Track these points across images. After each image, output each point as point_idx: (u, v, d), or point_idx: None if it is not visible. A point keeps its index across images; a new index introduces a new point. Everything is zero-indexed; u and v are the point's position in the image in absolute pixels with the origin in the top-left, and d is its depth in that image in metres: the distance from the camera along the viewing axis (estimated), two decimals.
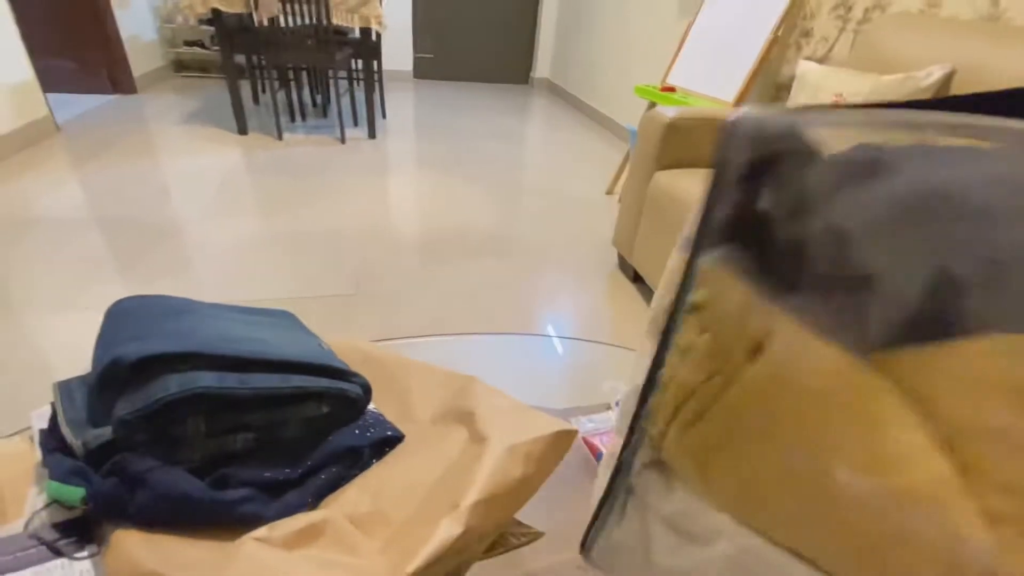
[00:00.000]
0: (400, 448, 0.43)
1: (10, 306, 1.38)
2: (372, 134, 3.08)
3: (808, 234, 0.13)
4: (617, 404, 0.59)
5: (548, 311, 1.60)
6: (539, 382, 0.78)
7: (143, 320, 0.41)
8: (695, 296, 0.14)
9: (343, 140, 2.95)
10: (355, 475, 0.41)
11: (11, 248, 1.65)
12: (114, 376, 0.35)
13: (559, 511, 0.51)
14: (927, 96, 1.26)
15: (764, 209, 0.13)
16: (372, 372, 0.49)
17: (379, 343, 0.69)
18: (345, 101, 3.73)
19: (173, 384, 0.35)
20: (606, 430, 0.54)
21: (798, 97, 1.48)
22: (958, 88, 1.30)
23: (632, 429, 0.17)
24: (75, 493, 0.31)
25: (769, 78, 2.21)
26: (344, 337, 0.58)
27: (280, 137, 2.87)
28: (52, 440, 0.37)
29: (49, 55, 3.17)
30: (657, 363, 0.15)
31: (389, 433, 0.44)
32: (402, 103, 4.07)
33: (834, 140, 0.13)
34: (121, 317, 0.42)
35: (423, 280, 1.70)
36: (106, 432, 0.34)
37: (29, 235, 1.73)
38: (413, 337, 0.74)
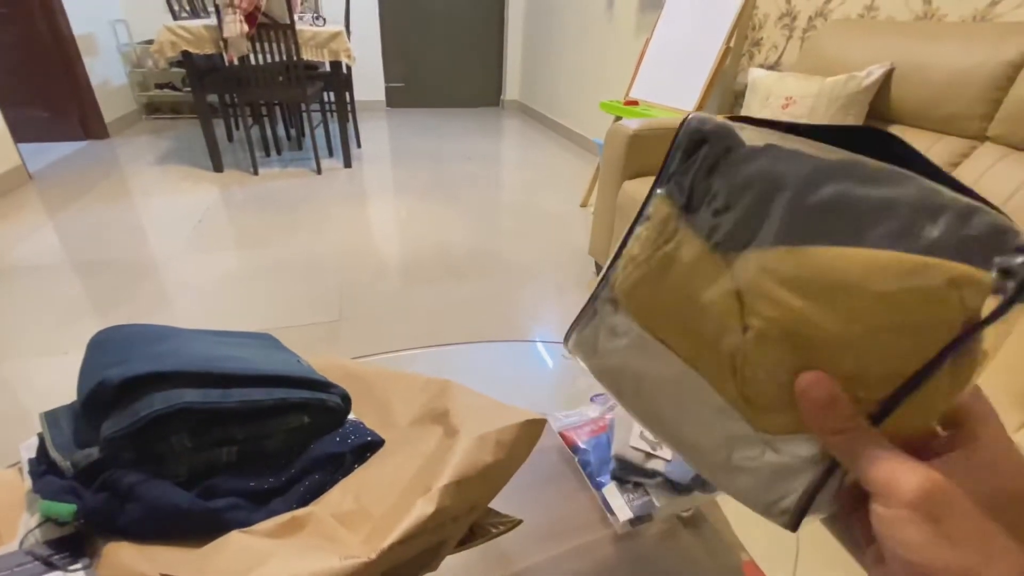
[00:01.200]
0: (381, 452, 0.45)
1: None
2: (348, 163, 3.12)
3: (709, 182, 0.23)
4: (593, 399, 0.62)
5: (530, 321, 1.63)
6: (522, 387, 0.80)
7: (125, 346, 0.43)
8: (648, 210, 0.25)
9: (319, 171, 2.98)
10: (338, 480, 0.43)
11: None
12: (100, 398, 0.37)
13: (541, 503, 0.53)
14: (870, 93, 1.34)
15: (693, 167, 0.24)
16: (352, 385, 0.52)
17: (364, 359, 0.71)
18: (319, 133, 3.77)
19: (158, 401, 0.37)
20: (581, 423, 0.56)
21: (751, 102, 1.56)
22: (897, 82, 1.38)
23: (605, 276, 0.28)
24: (67, 509, 0.32)
25: (726, 86, 2.30)
26: (324, 357, 0.60)
27: (256, 172, 2.89)
28: (41, 465, 0.38)
29: (18, 105, 3.17)
30: (623, 243, 0.26)
31: (369, 439, 0.46)
32: (376, 132, 4.13)
33: (748, 137, 0.23)
34: (103, 346, 0.44)
35: (406, 302, 1.72)
36: (94, 452, 0.36)
37: (5, 283, 1.72)
38: (398, 351, 0.76)
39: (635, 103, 2.33)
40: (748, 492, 0.23)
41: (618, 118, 2.50)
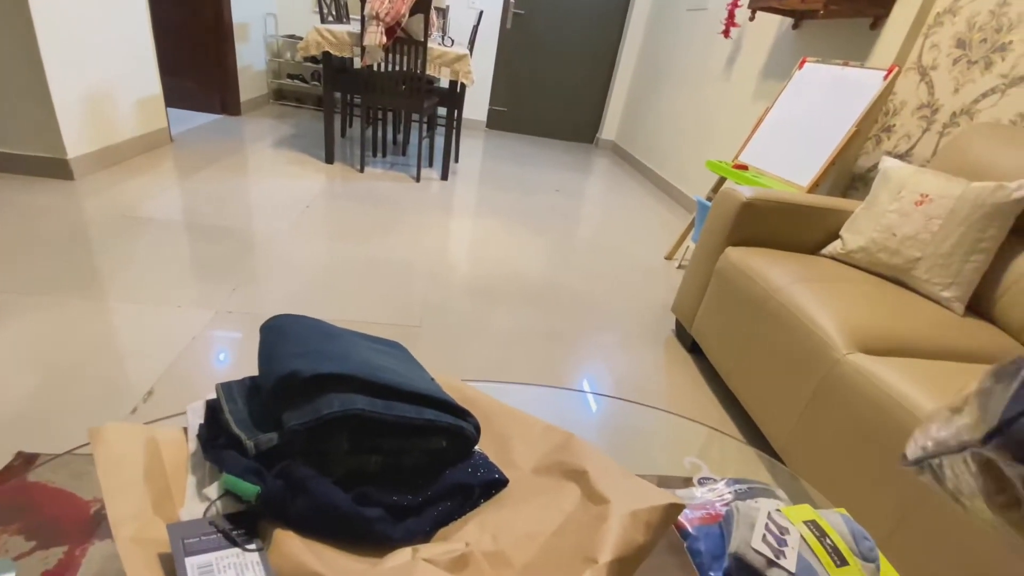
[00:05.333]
0: (507, 493, 0.46)
1: (114, 295, 1.51)
2: (444, 176, 3.25)
3: None
4: (700, 482, 0.59)
5: (604, 370, 1.61)
6: (592, 440, 0.79)
7: (302, 338, 0.46)
8: None
9: (418, 179, 3.12)
10: (466, 511, 0.44)
11: (120, 242, 1.82)
12: (290, 387, 0.40)
13: None
14: (1019, 207, 1.25)
15: None
16: (472, 412, 0.53)
17: (468, 383, 0.72)
18: (424, 143, 3.97)
19: (336, 403, 0.39)
20: (693, 506, 0.54)
21: (880, 191, 1.48)
22: None
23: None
24: (251, 490, 0.35)
25: (845, 167, 2.21)
26: (439, 374, 0.62)
27: (362, 169, 3.07)
28: (220, 437, 0.41)
29: (175, 75, 3.57)
30: None
31: (496, 476, 0.47)
32: (474, 150, 4.29)
33: None
34: (280, 333, 0.48)
35: (482, 322, 1.75)
36: (275, 437, 0.39)
37: (136, 232, 1.91)
38: (479, 380, 0.77)
39: (744, 167, 2.29)
40: None
41: (722, 179, 2.46)
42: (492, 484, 0.46)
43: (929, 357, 1.12)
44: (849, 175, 2.22)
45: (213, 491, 0.38)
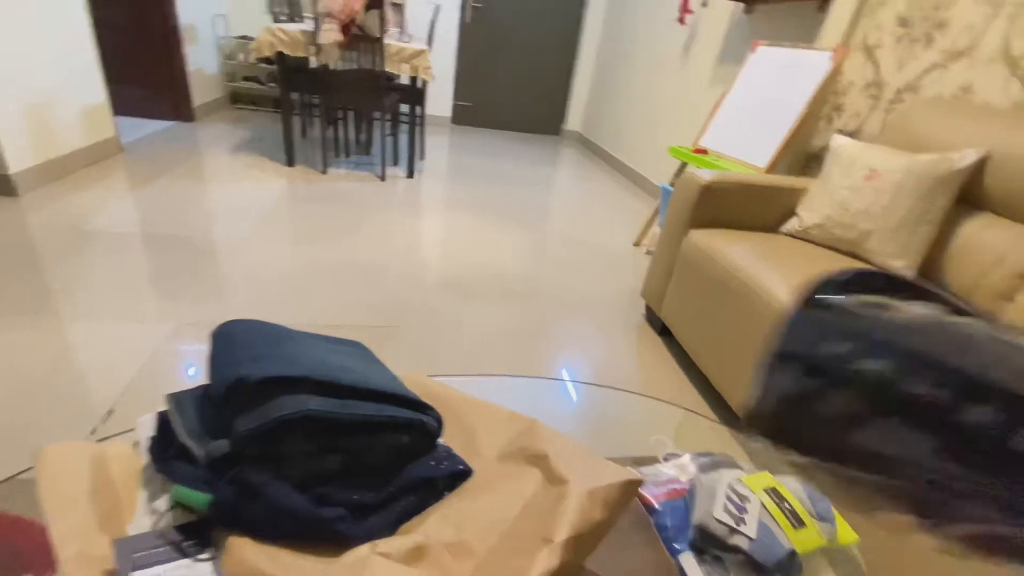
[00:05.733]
0: (472, 483, 0.46)
1: (69, 314, 1.45)
2: (410, 173, 3.22)
3: None
4: (665, 459, 0.61)
5: (579, 357, 1.62)
6: (570, 426, 0.80)
7: (252, 342, 0.45)
8: None
9: (383, 178, 3.08)
10: (430, 504, 0.43)
11: (72, 258, 1.74)
12: (239, 393, 0.39)
13: (615, 562, 0.52)
14: (962, 177, 1.31)
15: None
16: (436, 406, 0.53)
17: (438, 378, 0.72)
18: (387, 141, 3.92)
19: (287, 405, 0.38)
20: (658, 482, 0.56)
21: (832, 169, 1.53)
22: (992, 170, 1.33)
23: None
24: (202, 498, 0.34)
25: (800, 147, 2.28)
26: (403, 371, 0.61)
27: (325, 171, 3.02)
28: (169, 449, 0.40)
29: (121, 82, 3.42)
30: None
31: (460, 467, 0.47)
32: (439, 146, 4.25)
33: None
34: (229, 339, 0.47)
35: (457, 317, 1.74)
36: (225, 445, 0.38)
37: (89, 247, 1.83)
38: (459, 375, 0.77)
39: (704, 152, 2.33)
40: None
41: (684, 164, 2.50)
42: (457, 475, 0.46)
43: None
44: (805, 155, 2.28)
45: (164, 504, 0.37)
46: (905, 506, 0.19)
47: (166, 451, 0.40)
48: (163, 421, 0.44)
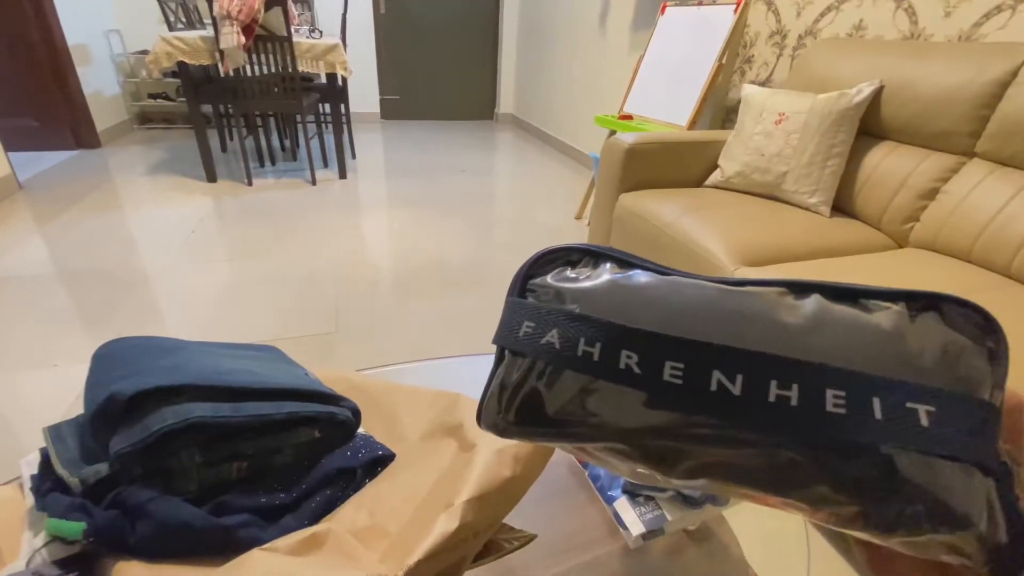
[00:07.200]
0: (392, 466, 0.45)
1: None
2: (343, 174, 3.12)
3: None
4: None
5: None
6: None
7: (133, 359, 0.42)
8: None
9: (314, 182, 2.97)
10: (350, 495, 0.42)
11: None
12: (110, 413, 0.36)
13: (552, 517, 0.52)
14: (860, 110, 1.36)
15: None
16: (359, 398, 0.51)
17: (365, 371, 0.70)
18: (314, 144, 3.78)
19: (169, 416, 0.36)
20: None
21: (745, 117, 1.58)
22: (887, 100, 1.41)
23: None
24: (75, 528, 0.32)
25: (718, 102, 2.34)
26: (328, 369, 0.59)
27: (250, 183, 2.88)
28: (46, 482, 0.37)
29: (9, 114, 3.14)
30: None
31: (380, 452, 0.45)
32: (371, 143, 4.14)
33: None
34: (109, 358, 0.43)
35: (401, 313, 1.71)
36: (103, 468, 0.35)
37: None
38: (398, 364, 0.76)
39: (629, 117, 2.36)
40: None
41: (613, 132, 2.53)
42: (376, 462, 0.45)
43: (805, 259, 1.22)
44: (724, 108, 2.35)
45: (40, 540, 0.34)
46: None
47: (44, 485, 0.37)
48: (45, 457, 0.41)
